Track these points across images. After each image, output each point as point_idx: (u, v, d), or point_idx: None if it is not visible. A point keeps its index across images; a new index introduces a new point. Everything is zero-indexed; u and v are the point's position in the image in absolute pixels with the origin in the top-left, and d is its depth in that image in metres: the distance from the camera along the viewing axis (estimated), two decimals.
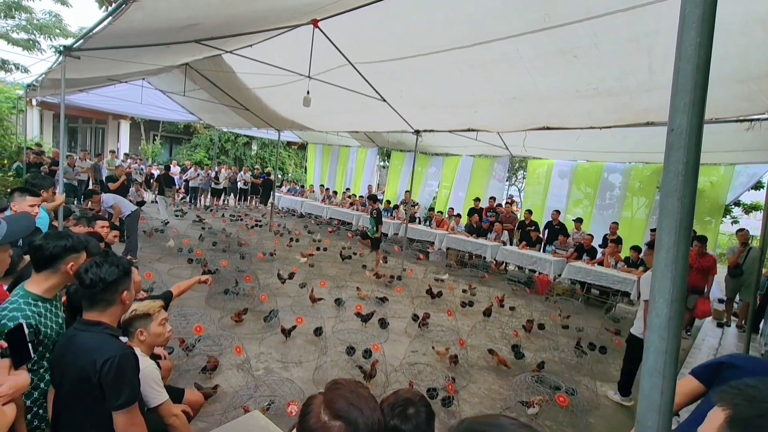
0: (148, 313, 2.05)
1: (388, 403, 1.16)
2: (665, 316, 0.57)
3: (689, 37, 0.56)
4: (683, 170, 0.56)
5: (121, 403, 1.52)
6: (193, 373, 3.58)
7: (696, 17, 0.55)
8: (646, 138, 6.75)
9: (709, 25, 0.56)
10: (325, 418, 0.89)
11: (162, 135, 20.53)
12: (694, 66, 0.57)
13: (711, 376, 1.45)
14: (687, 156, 0.56)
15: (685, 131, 0.56)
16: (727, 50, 3.33)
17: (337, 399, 0.92)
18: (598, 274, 7.41)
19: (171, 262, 6.93)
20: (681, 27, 0.57)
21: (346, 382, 0.98)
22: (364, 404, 0.92)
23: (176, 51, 5.56)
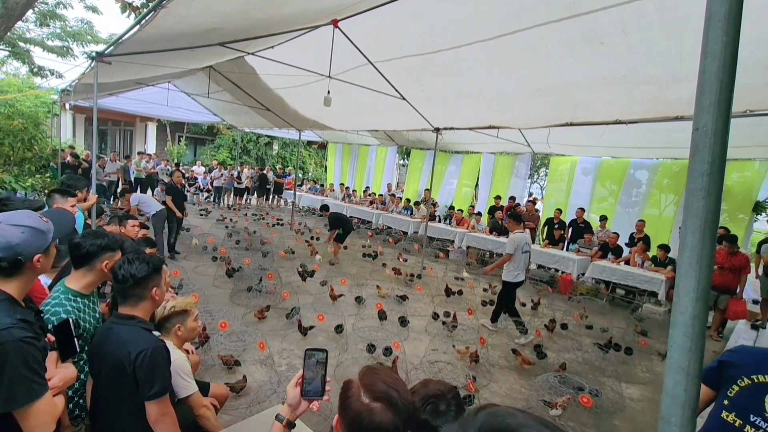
0: (186, 309, 2.14)
1: (419, 396, 1.13)
2: (689, 314, 0.56)
3: (715, 35, 0.55)
4: (708, 170, 0.56)
5: (153, 393, 1.60)
6: (218, 368, 3.69)
7: (722, 15, 0.54)
8: (675, 132, 6.51)
9: (735, 23, 0.55)
10: (366, 400, 0.94)
11: (186, 136, 21.08)
12: (720, 65, 0.56)
13: (715, 378, 1.43)
14: (712, 156, 0.56)
15: (711, 131, 0.56)
16: (760, 34, 3.18)
17: (376, 382, 0.97)
18: (624, 273, 7.22)
19: (196, 260, 7.13)
20: (707, 25, 0.57)
21: (380, 367, 1.04)
22: (399, 386, 0.98)
23: (201, 54, 5.71)
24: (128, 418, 1.67)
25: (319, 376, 1.12)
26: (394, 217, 11.58)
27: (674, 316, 0.58)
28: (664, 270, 7.06)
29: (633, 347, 5.04)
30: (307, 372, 1.12)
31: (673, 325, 0.58)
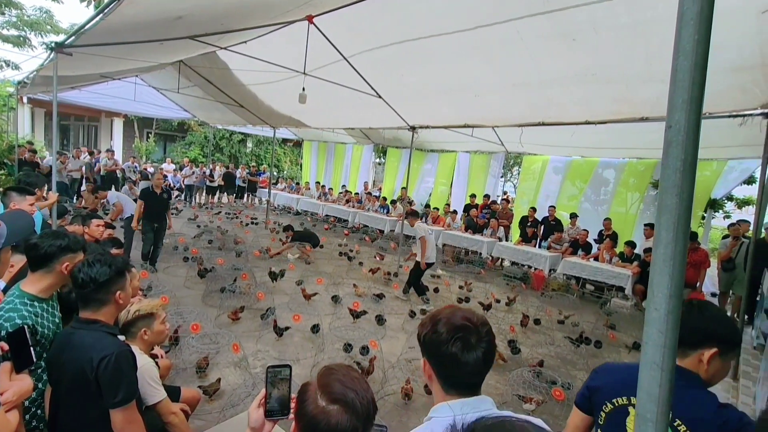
0: (152, 312, 2.04)
1: (447, 324, 0.97)
2: (664, 310, 0.57)
3: (687, 33, 0.56)
4: (681, 167, 0.57)
5: (118, 400, 1.52)
6: (189, 372, 3.57)
7: (694, 14, 0.55)
8: (641, 134, 6.78)
9: (707, 21, 0.56)
10: (322, 403, 0.90)
11: (156, 132, 20.36)
12: (692, 63, 0.57)
13: (588, 404, 1.37)
14: (685, 153, 0.57)
15: (683, 128, 0.57)
16: (722, 39, 3.34)
17: (332, 383, 0.93)
18: (593, 269, 7.46)
19: (166, 261, 6.90)
20: (679, 23, 0.58)
21: (337, 366, 0.99)
22: (358, 385, 0.94)
23: (170, 48, 5.51)
24: (91, 428, 1.59)
25: (283, 394, 1.04)
26: (370, 216, 11.57)
27: (648, 313, 0.59)
28: (630, 265, 7.34)
29: (602, 341, 5.21)
30: (271, 390, 1.04)
31: (647, 321, 0.58)
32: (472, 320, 0.97)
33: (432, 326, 0.99)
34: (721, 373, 1.19)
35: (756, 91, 4.06)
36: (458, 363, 0.93)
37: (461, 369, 0.94)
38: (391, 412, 3.37)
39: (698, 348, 1.17)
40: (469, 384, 0.97)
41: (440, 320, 0.98)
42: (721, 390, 4.04)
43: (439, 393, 1.00)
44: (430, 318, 1.02)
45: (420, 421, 3.21)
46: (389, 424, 3.17)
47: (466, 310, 1.01)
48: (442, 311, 1.02)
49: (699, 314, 1.19)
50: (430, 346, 0.98)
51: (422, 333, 1.01)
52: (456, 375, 0.96)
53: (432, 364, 1.00)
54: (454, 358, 0.93)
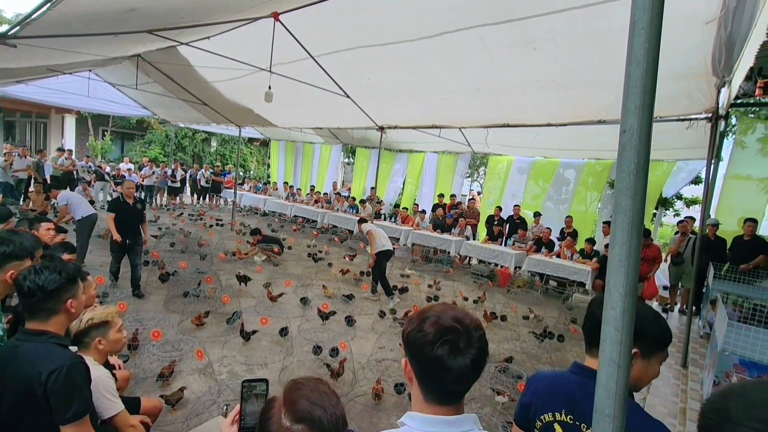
0: (106, 320, 1.93)
1: (435, 324, 0.88)
2: (620, 308, 0.60)
3: (639, 42, 0.59)
4: (635, 170, 0.60)
5: (70, 416, 1.43)
6: (150, 381, 3.42)
7: (644, 23, 0.58)
8: (599, 136, 7.11)
9: (656, 30, 0.60)
10: (286, 423, 0.86)
11: (112, 130, 19.37)
12: (644, 70, 0.60)
13: (525, 422, 1.25)
14: (638, 156, 0.60)
15: (636, 132, 0.60)
16: (671, 48, 3.55)
17: (298, 400, 0.89)
18: (556, 265, 7.75)
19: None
20: (631, 32, 0.61)
21: (305, 380, 0.94)
22: (326, 401, 0.90)
23: (126, 41, 5.26)
24: None
25: (259, 410, 0.97)
26: (339, 216, 11.50)
27: (606, 312, 0.62)
28: (590, 262, 7.67)
29: (565, 334, 5.41)
30: (246, 407, 0.97)
31: (604, 320, 0.61)
32: (463, 322, 0.87)
33: (418, 324, 0.89)
34: (646, 376, 1.10)
35: (701, 98, 4.35)
36: (443, 368, 0.84)
37: (445, 375, 0.84)
38: (361, 413, 3.36)
39: None
40: (452, 392, 0.88)
41: (428, 318, 0.88)
42: (672, 378, 4.30)
43: (418, 398, 0.91)
44: (418, 314, 0.92)
45: (390, 422, 3.20)
46: (359, 425, 3.16)
47: (458, 309, 0.91)
48: (433, 308, 0.92)
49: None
50: (414, 345, 0.88)
51: (407, 330, 0.91)
52: (438, 381, 0.86)
53: (413, 366, 0.90)
54: (438, 362, 0.84)
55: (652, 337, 1.08)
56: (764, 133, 6.46)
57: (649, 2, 0.56)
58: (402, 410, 3.45)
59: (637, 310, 0.99)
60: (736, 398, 0.56)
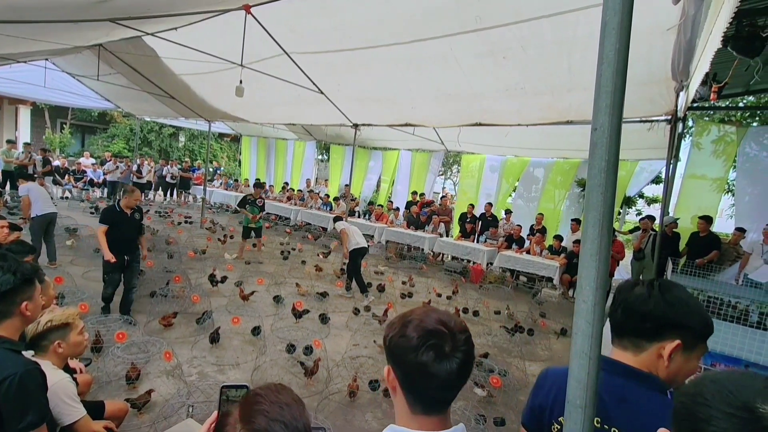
0: (66, 322, 1.84)
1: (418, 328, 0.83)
2: (591, 302, 0.62)
3: (610, 42, 0.61)
4: (605, 167, 0.62)
5: (25, 425, 1.35)
6: (115, 384, 3.28)
7: (615, 24, 0.60)
8: (567, 136, 7.35)
9: (626, 32, 0.62)
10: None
11: (72, 123, 18.39)
12: (614, 70, 0.62)
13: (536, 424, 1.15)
14: (608, 153, 0.62)
15: (607, 130, 0.62)
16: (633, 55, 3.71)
17: (256, 416, 0.82)
18: (526, 261, 7.96)
19: (86, 265, 6.28)
20: (602, 33, 0.63)
21: (264, 392, 0.88)
22: (287, 415, 0.84)
23: (88, 30, 4.99)
24: None
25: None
26: (313, 213, 11.38)
27: (577, 305, 0.64)
28: (558, 257, 7.93)
29: (534, 328, 5.57)
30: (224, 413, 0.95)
31: (576, 313, 0.63)
32: (448, 324, 0.82)
33: (400, 328, 0.84)
34: (685, 371, 0.98)
35: (661, 101, 4.56)
36: (428, 374, 0.80)
37: (431, 382, 0.80)
38: (335, 410, 3.34)
39: (657, 340, 0.96)
40: (438, 400, 0.84)
41: (410, 322, 0.84)
42: None
43: (403, 409, 0.86)
44: (399, 318, 0.88)
45: (365, 419, 3.19)
46: (334, 422, 3.14)
47: (442, 312, 0.87)
48: (415, 312, 0.88)
49: (660, 297, 0.96)
50: (397, 351, 0.83)
51: (389, 335, 0.87)
52: (424, 388, 0.82)
53: (397, 374, 0.85)
54: (423, 369, 0.79)
55: (697, 328, 0.96)
56: (717, 135, 6.86)
57: (619, 4, 0.58)
58: (376, 407, 3.46)
59: (681, 297, 0.95)
60: (710, 384, 0.58)
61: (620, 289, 1.05)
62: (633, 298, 0.87)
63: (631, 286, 0.98)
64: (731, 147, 6.74)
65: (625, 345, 1.01)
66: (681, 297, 0.97)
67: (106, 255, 4.33)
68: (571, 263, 7.63)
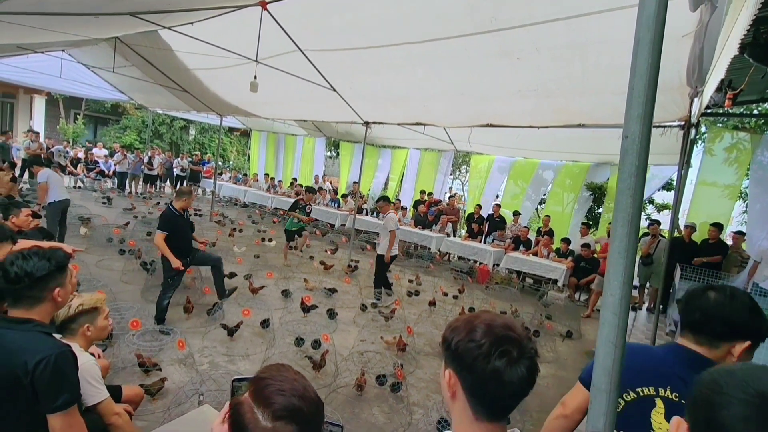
0: (95, 307, 1.91)
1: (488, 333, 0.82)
2: (618, 295, 0.66)
3: (643, 57, 0.65)
4: (635, 172, 0.66)
5: (58, 404, 1.42)
6: (129, 370, 3.37)
7: (648, 40, 0.64)
8: (577, 139, 7.33)
9: (658, 47, 0.66)
10: (267, 424, 0.79)
11: (85, 114, 18.62)
12: (646, 82, 0.66)
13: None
14: (638, 159, 0.66)
15: (638, 138, 0.66)
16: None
17: (273, 396, 0.82)
18: (533, 263, 7.97)
19: (100, 254, 6.39)
20: (635, 48, 0.67)
21: (268, 373, 0.88)
22: (298, 387, 0.85)
23: (107, 23, 5.08)
24: None
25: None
26: (321, 210, 11.45)
27: (605, 298, 0.68)
28: (565, 260, 7.92)
29: (540, 330, 5.59)
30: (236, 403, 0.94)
31: (604, 306, 0.67)
32: (516, 330, 0.82)
33: (467, 332, 0.82)
34: None
35: (674, 108, 4.55)
36: (500, 381, 0.78)
37: (503, 389, 0.79)
38: (343, 404, 3.40)
39: (731, 340, 1.06)
40: (506, 407, 0.83)
41: (478, 326, 0.82)
42: None
43: (464, 414, 0.84)
44: (464, 322, 0.86)
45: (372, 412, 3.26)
46: (342, 415, 3.20)
47: (505, 317, 0.87)
48: (481, 316, 0.86)
49: (732, 303, 1.08)
50: (464, 356, 0.81)
51: (453, 339, 0.84)
52: (494, 396, 0.80)
53: (463, 380, 0.83)
54: (495, 375, 0.78)
55: (762, 328, 1.08)
56: (731, 142, 6.81)
57: (652, 21, 0.62)
58: (383, 401, 3.52)
59: (743, 300, 1.08)
60: (726, 375, 0.62)
61: (693, 294, 1.18)
62: (712, 304, 0.98)
63: (704, 292, 1.10)
64: (745, 154, 6.69)
65: (700, 341, 1.13)
66: (749, 303, 1.10)
67: (174, 263, 4.27)
68: (579, 266, 7.63)
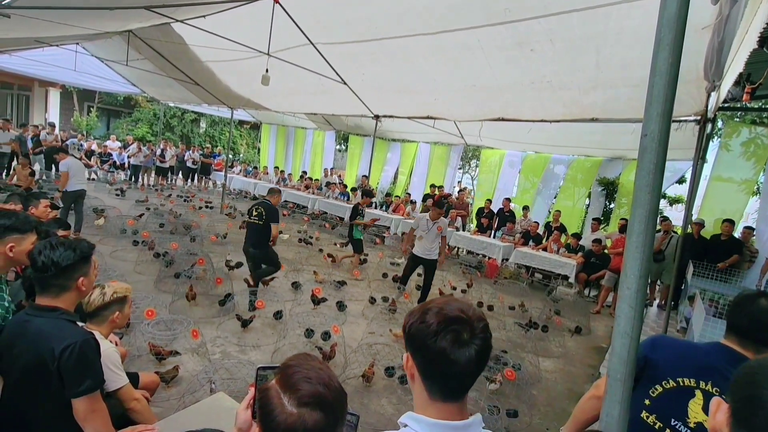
0: (126, 296, 1.99)
1: (438, 315, 0.85)
2: (634, 289, 0.68)
3: (663, 56, 0.65)
4: (653, 169, 0.67)
5: (83, 389, 1.47)
6: (144, 358, 3.45)
7: (669, 40, 0.64)
8: (589, 134, 7.25)
9: (679, 46, 0.66)
10: (292, 409, 0.82)
11: (98, 107, 18.85)
12: (666, 82, 0.66)
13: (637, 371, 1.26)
14: (657, 157, 0.67)
15: (657, 137, 0.66)
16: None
17: (300, 384, 0.85)
18: (542, 258, 7.93)
19: (114, 244, 6.52)
20: (656, 48, 0.67)
21: (296, 361, 0.91)
22: (324, 376, 0.88)
23: (121, 16, 5.14)
24: (50, 419, 1.52)
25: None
26: (330, 203, 11.50)
27: (621, 291, 0.69)
28: (575, 256, 7.87)
29: (549, 325, 5.59)
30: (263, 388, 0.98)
31: (620, 298, 0.68)
32: (467, 312, 0.84)
33: (420, 316, 0.86)
34: None
35: (691, 102, 4.47)
36: (447, 360, 0.81)
37: (450, 368, 0.82)
38: (352, 394, 3.45)
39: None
40: (456, 387, 0.86)
41: (430, 310, 0.86)
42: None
43: (421, 396, 0.88)
44: (420, 308, 0.90)
45: (380, 403, 3.31)
46: (351, 406, 3.25)
47: (461, 301, 0.89)
48: (435, 300, 0.90)
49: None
50: (417, 338, 0.85)
51: (408, 323, 0.89)
52: (443, 375, 0.84)
53: (416, 361, 0.87)
54: (442, 354, 0.81)
55: None
56: (748, 137, 6.67)
57: (674, 21, 0.62)
58: (392, 393, 3.56)
59: None
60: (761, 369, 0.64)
61: (743, 299, 1.19)
62: (761, 311, 1.00)
63: (754, 298, 1.11)
64: (763, 149, 6.56)
65: (746, 346, 1.15)
66: None
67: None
68: (589, 262, 7.58)
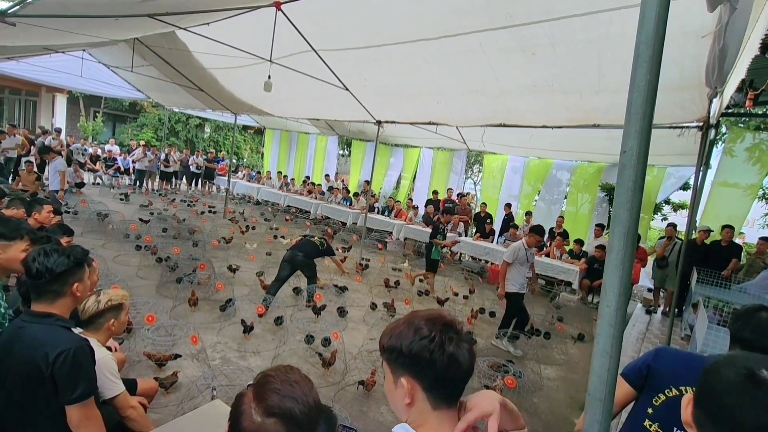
0: (121, 303, 1.99)
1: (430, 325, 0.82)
2: (614, 306, 0.67)
3: (641, 73, 0.65)
4: (632, 186, 0.66)
5: (76, 396, 1.48)
6: (144, 364, 3.46)
7: (648, 57, 0.64)
8: (592, 139, 7.22)
9: (656, 64, 0.66)
10: (258, 418, 0.85)
11: (104, 112, 19.05)
12: (644, 98, 0.66)
13: (641, 381, 1.37)
14: (635, 174, 0.67)
15: (635, 153, 0.66)
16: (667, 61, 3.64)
17: (268, 394, 0.88)
18: (545, 264, 7.88)
19: (116, 249, 6.55)
20: (635, 63, 0.67)
21: (274, 372, 0.93)
22: (297, 391, 0.90)
23: (126, 24, 5.19)
24: (44, 426, 1.53)
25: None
26: (332, 208, 11.52)
27: (601, 309, 0.69)
28: (578, 262, 7.82)
29: (551, 332, 5.55)
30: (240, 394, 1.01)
31: (600, 316, 0.68)
32: (447, 316, 0.84)
33: (414, 332, 0.82)
34: None
35: (693, 108, 4.46)
36: (457, 363, 0.80)
37: (460, 369, 0.81)
38: (351, 401, 3.44)
39: None
40: (461, 389, 0.85)
41: (420, 324, 0.83)
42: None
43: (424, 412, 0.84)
44: (405, 326, 0.85)
45: (380, 410, 3.28)
46: (350, 413, 3.24)
47: (430, 309, 0.89)
48: (413, 315, 0.87)
49: None
50: (422, 354, 0.80)
51: (401, 344, 0.83)
52: (454, 379, 0.82)
53: (420, 379, 0.82)
54: (453, 359, 0.79)
55: None
56: (752, 143, 6.63)
57: (652, 38, 0.62)
58: None
59: None
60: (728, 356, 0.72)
61: (746, 311, 1.24)
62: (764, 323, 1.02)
63: (756, 310, 1.14)
64: (767, 155, 6.52)
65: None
66: None
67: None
68: (592, 268, 7.53)
